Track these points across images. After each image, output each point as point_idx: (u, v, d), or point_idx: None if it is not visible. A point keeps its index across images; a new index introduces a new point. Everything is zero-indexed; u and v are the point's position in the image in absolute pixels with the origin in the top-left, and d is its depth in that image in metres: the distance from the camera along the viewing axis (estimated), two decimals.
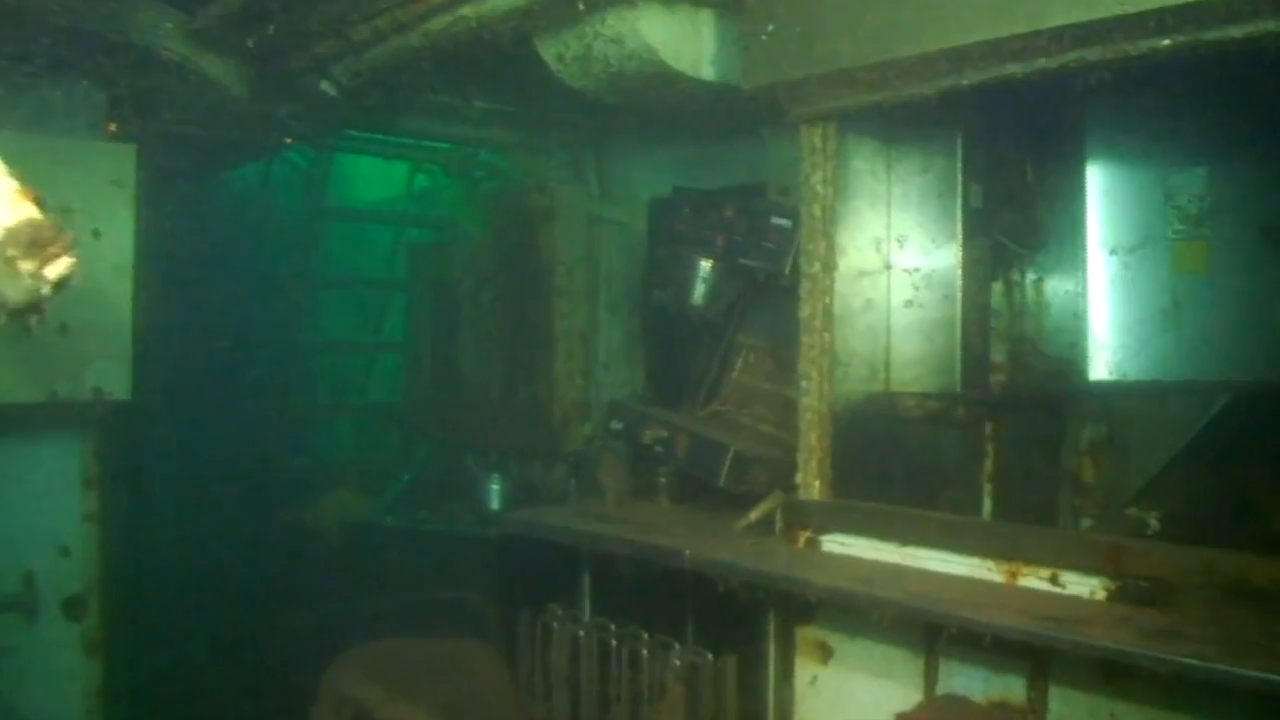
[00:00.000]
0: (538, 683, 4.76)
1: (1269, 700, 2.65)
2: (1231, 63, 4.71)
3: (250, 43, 5.43)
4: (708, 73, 4.74)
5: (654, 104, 5.31)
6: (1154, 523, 4.64)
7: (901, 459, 4.68)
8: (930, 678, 3.75)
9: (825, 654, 4.07)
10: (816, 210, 4.16)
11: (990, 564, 3.64)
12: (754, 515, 4.32)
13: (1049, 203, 5.22)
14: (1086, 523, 5.36)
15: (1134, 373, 5.08)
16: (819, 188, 4.16)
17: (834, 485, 4.22)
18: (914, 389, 4.60)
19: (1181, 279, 5.03)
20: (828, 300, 4.15)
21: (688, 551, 4.01)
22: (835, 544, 4.07)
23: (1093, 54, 3.39)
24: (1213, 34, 3.18)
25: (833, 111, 4.10)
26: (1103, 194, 5.10)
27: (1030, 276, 5.34)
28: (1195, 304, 5.01)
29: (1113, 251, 5.08)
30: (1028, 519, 5.32)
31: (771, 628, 4.19)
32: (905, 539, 3.84)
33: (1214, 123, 5.02)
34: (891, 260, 4.61)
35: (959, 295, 4.51)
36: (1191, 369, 5.02)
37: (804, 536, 4.14)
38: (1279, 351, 4.93)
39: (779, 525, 4.22)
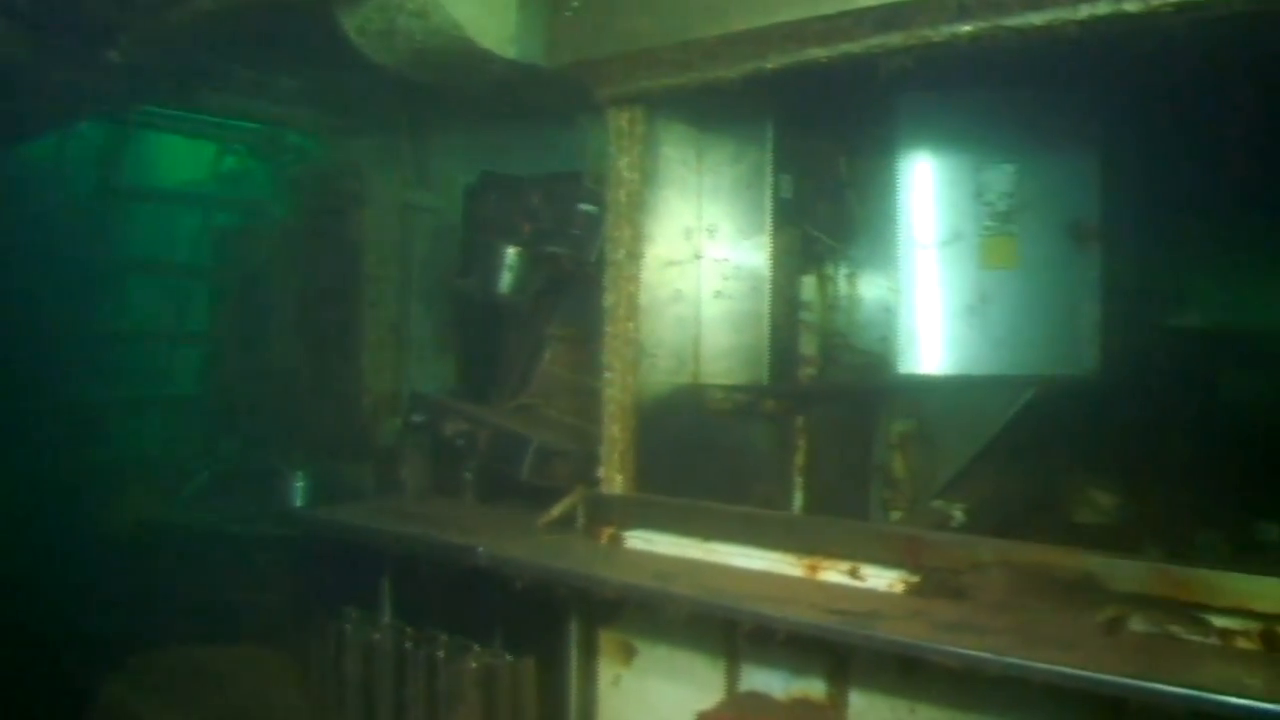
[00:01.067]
0: (330, 691, 4.50)
1: (1062, 692, 2.62)
2: (1036, 61, 4.82)
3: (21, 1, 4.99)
4: (516, 51, 4.53)
5: (463, 83, 5.08)
6: (959, 515, 4.67)
7: (711, 452, 4.60)
8: (732, 676, 3.66)
9: (628, 653, 3.94)
10: (622, 196, 4.02)
11: (791, 558, 3.57)
12: (556, 511, 4.16)
13: (862, 196, 5.22)
14: (896, 515, 5.39)
15: (943, 367, 5.13)
16: (625, 173, 4.02)
17: (640, 480, 4.10)
18: (724, 381, 4.52)
19: (990, 274, 5.10)
20: (633, 289, 4.02)
21: (482, 549, 3.82)
22: (639, 540, 3.94)
23: (895, 39, 3.33)
24: (1013, 20, 3.15)
25: (639, 94, 3.96)
26: (914, 188, 5.13)
27: (843, 270, 5.34)
28: (1003, 299, 5.08)
29: (924, 246, 5.12)
30: (839, 512, 5.32)
31: (573, 627, 4.04)
32: (708, 534, 3.74)
33: (1022, 121, 5.10)
34: (702, 250, 4.51)
35: (768, 287, 4.43)
36: (998, 363, 5.10)
37: (607, 533, 4.01)
38: (1083, 346, 5.05)
39: (581, 521, 4.07)
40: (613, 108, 4.03)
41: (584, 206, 4.42)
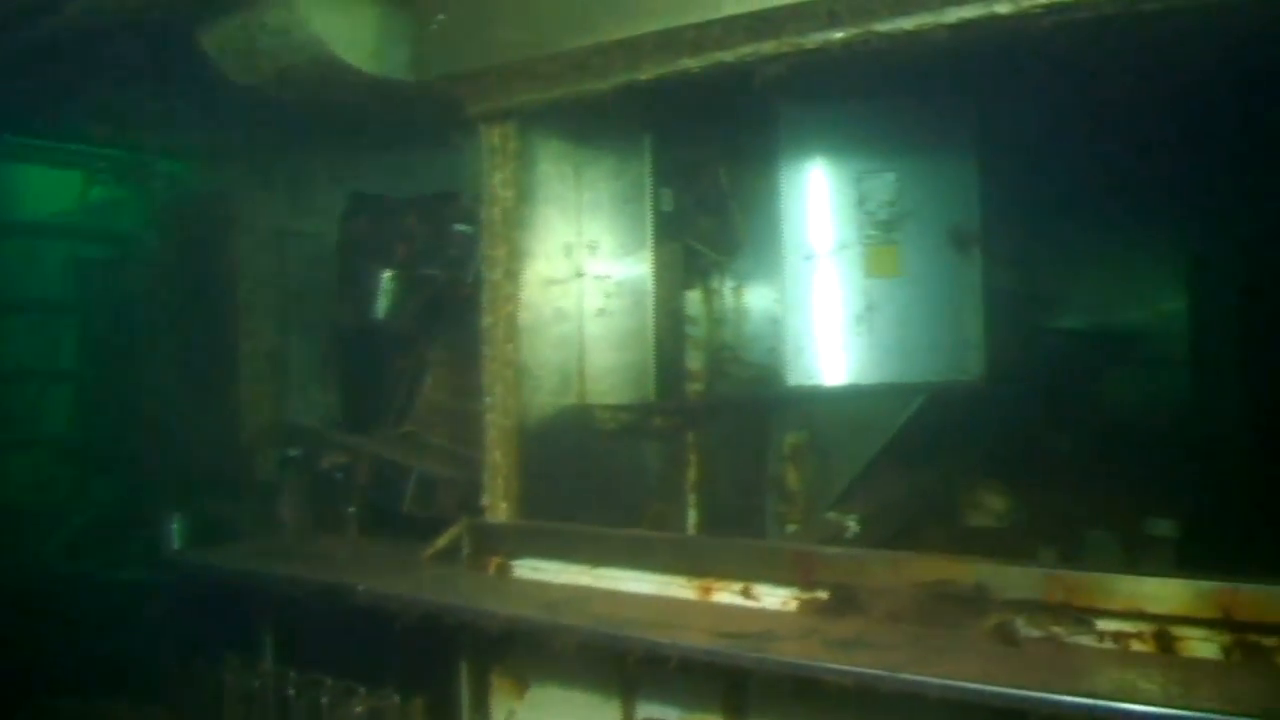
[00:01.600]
0: None
1: (962, 706, 2.55)
2: (913, 68, 4.83)
3: None
4: (380, 66, 4.38)
5: (330, 102, 4.91)
6: (853, 526, 4.62)
7: (601, 474, 4.49)
8: (628, 707, 3.54)
9: (521, 687, 3.80)
10: (497, 214, 3.90)
11: (683, 580, 3.47)
12: (440, 543, 4.02)
13: (744, 208, 5.18)
14: (791, 528, 5.34)
15: (833, 377, 5.10)
16: (499, 190, 3.90)
17: (527, 506, 3.97)
18: (610, 400, 4.41)
19: (875, 283, 5.09)
20: (511, 309, 3.90)
21: (361, 587, 3.65)
22: (527, 569, 3.81)
23: (767, 47, 3.28)
24: (884, 26, 3.12)
25: (510, 109, 3.85)
26: (797, 199, 5.10)
27: (729, 283, 5.29)
28: (889, 308, 5.07)
29: (808, 257, 5.10)
30: (735, 528, 5.25)
31: (463, 664, 3.89)
32: (597, 560, 3.62)
33: (901, 129, 5.11)
34: (583, 267, 4.41)
35: (652, 302, 4.34)
36: (887, 372, 5.08)
37: (494, 563, 3.87)
38: (969, 352, 5.06)
39: (466, 552, 3.93)
40: (484, 124, 3.91)
41: (460, 227, 4.30)
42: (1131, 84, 5.42)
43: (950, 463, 5.86)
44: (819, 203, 5.10)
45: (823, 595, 3.22)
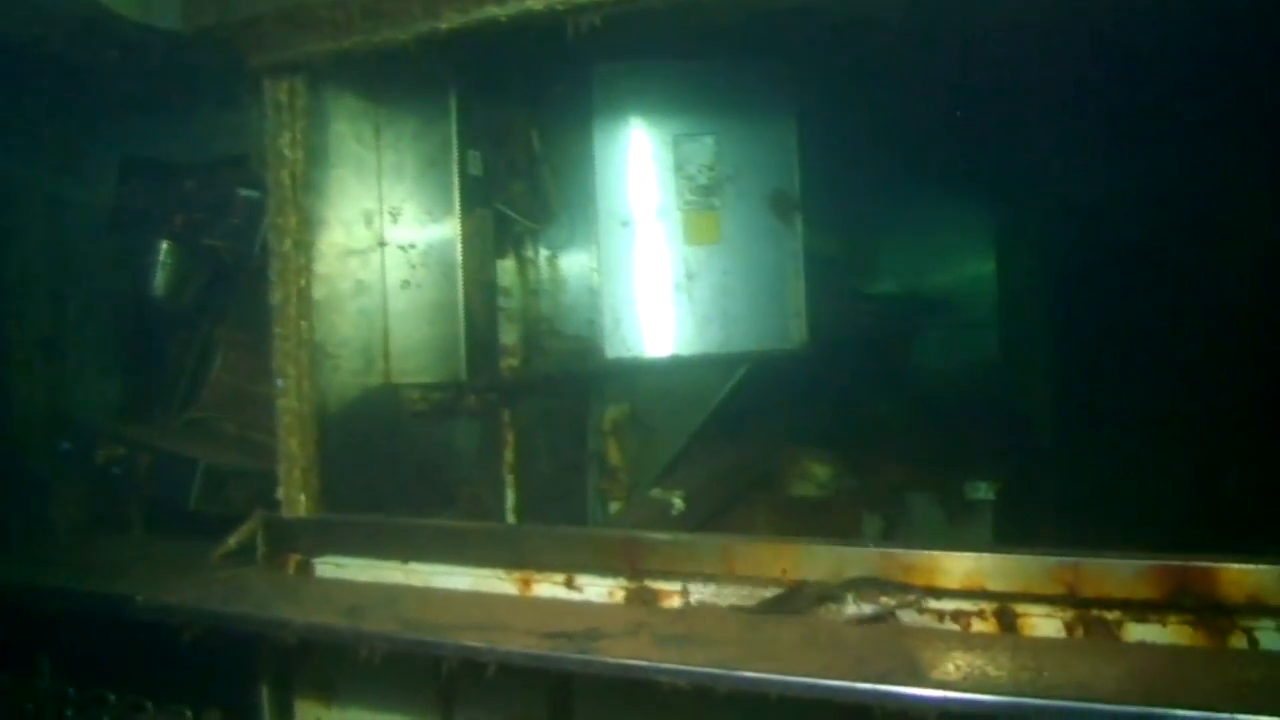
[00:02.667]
0: None
1: (803, 702, 2.37)
2: (732, 29, 4.66)
3: None
4: (147, 14, 3.93)
5: (100, 57, 4.41)
6: (679, 502, 4.46)
7: (411, 459, 4.18)
8: (446, 715, 3.26)
9: (328, 699, 3.48)
10: (285, 178, 3.52)
11: (501, 573, 3.21)
12: (232, 541, 3.65)
13: (558, 173, 4.91)
14: (614, 506, 5.15)
15: (653, 348, 4.91)
16: (287, 151, 3.53)
17: (329, 498, 3.63)
18: (419, 379, 4.10)
19: (694, 250, 4.92)
20: (304, 283, 3.54)
21: (141, 597, 3.26)
22: (330, 567, 3.48)
23: None
24: None
25: (297, 61, 3.47)
26: (613, 163, 4.88)
27: (543, 252, 5.02)
28: (709, 275, 4.91)
29: (625, 224, 4.89)
30: (555, 508, 5.02)
31: (264, 675, 3.54)
32: (407, 554, 3.32)
33: (720, 91, 4.94)
34: (385, 236, 4.06)
35: (461, 274, 4.04)
36: (709, 341, 4.93)
37: (293, 562, 3.52)
38: (790, 320, 4.95)
39: (261, 551, 3.56)
40: (268, 77, 3.52)
41: (245, 192, 3.90)
42: (942, 51, 5.41)
43: (774, 432, 5.77)
44: (635, 167, 4.90)
45: (651, 585, 3.01)
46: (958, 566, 2.69)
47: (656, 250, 4.89)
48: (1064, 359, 8.22)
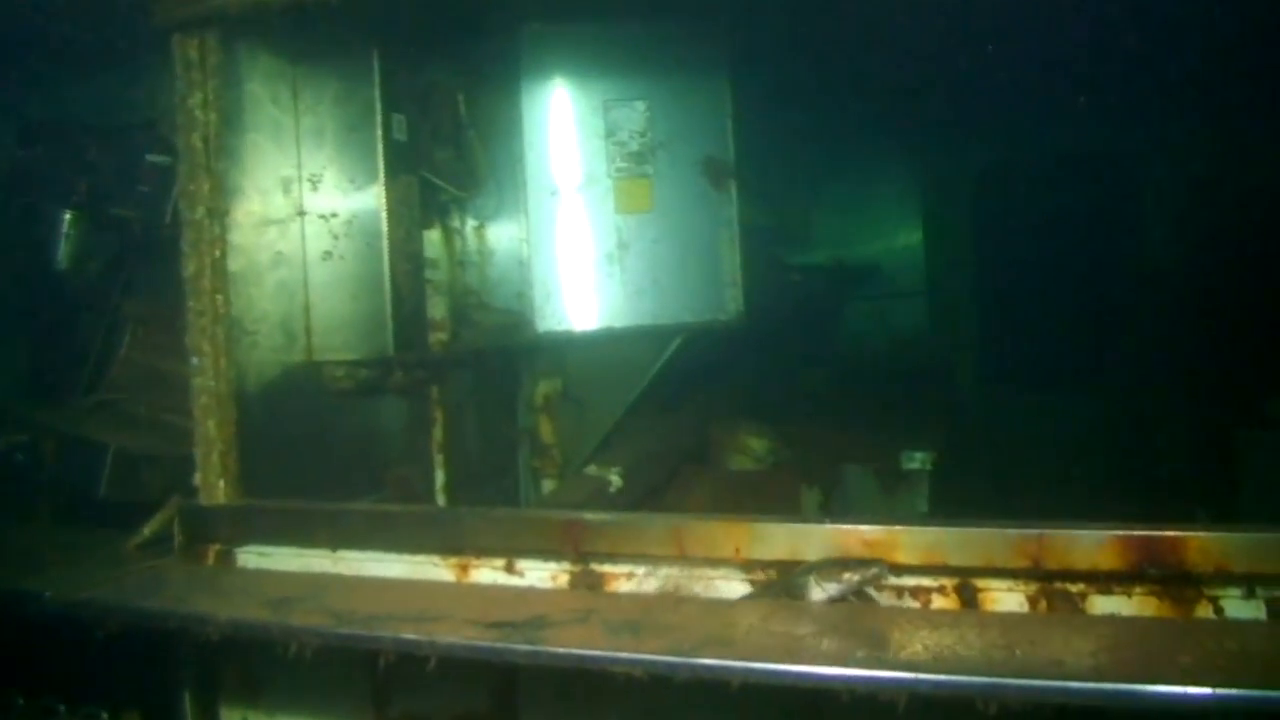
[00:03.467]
0: None
1: (766, 690, 2.24)
2: None
3: None
4: None
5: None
6: (616, 479, 4.31)
7: (336, 439, 3.98)
8: (382, 713, 3.09)
9: (254, 698, 3.28)
10: (197, 142, 3.28)
11: (437, 559, 3.04)
12: (147, 531, 3.42)
13: (485, 139, 4.73)
14: (548, 484, 5.01)
15: (583, 321, 4.77)
16: (198, 113, 3.29)
17: (250, 482, 3.42)
18: (343, 356, 3.90)
19: (626, 219, 4.78)
20: (218, 253, 3.31)
21: (49, 593, 3.03)
22: (253, 557, 3.27)
23: None
24: None
25: (210, 15, 3.23)
26: (542, 129, 4.71)
27: (470, 222, 4.84)
28: (641, 245, 4.77)
29: (554, 192, 4.72)
30: (486, 487, 4.86)
31: (184, 673, 3.33)
32: (335, 541, 3.13)
33: (651, 55, 4.78)
34: (305, 205, 3.85)
35: (386, 244, 3.84)
36: (643, 313, 4.80)
37: (213, 552, 3.31)
38: (725, 290, 4.83)
39: (178, 541, 3.34)
40: (178, 33, 3.27)
41: (154, 158, 3.65)
42: (875, 15, 5.32)
43: (709, 405, 5.66)
44: (565, 133, 4.73)
45: (597, 568, 2.87)
46: (918, 540, 2.58)
47: (587, 219, 4.75)
48: (989, 326, 8.25)
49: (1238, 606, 2.39)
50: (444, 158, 4.42)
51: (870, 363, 8.08)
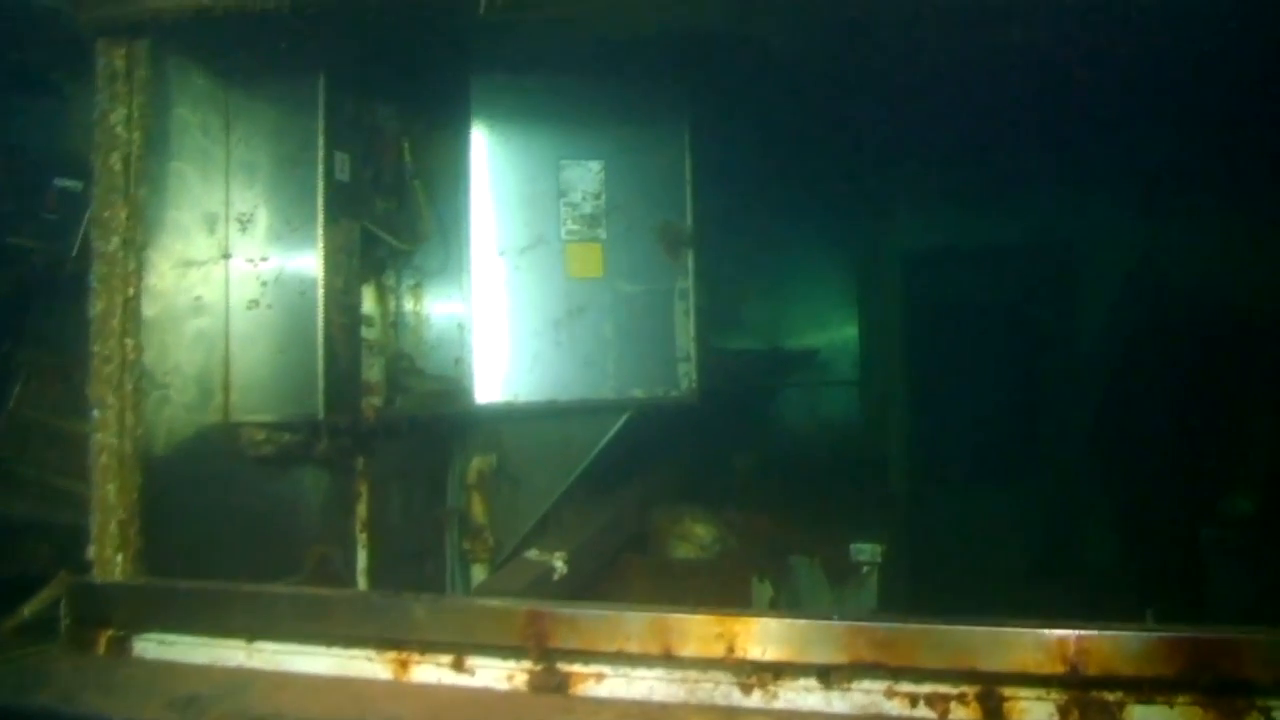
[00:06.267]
0: None
1: None
2: (623, 47, 4.26)
3: None
4: None
5: None
6: (561, 565, 3.94)
7: (251, 512, 3.53)
8: None
9: None
10: (116, 163, 2.89)
11: (372, 652, 2.63)
12: (28, 611, 2.94)
13: (429, 190, 4.38)
14: (479, 570, 4.59)
15: (525, 393, 4.41)
16: (120, 130, 2.90)
17: (153, 558, 2.97)
18: (264, 417, 3.47)
19: (576, 285, 4.46)
20: (131, 292, 2.89)
21: None
22: (153, 646, 2.81)
23: None
24: None
25: (141, 20, 2.86)
26: (490, 185, 4.38)
27: (408, 280, 4.48)
28: (591, 313, 4.45)
29: (501, 253, 4.38)
30: (410, 572, 4.42)
31: None
32: (253, 630, 2.69)
33: (608, 110, 4.52)
34: (231, 247, 3.44)
35: (321, 294, 3.45)
36: (588, 386, 4.46)
37: (106, 639, 2.84)
38: (678, 364, 4.53)
39: (66, 623, 2.86)
40: (104, 39, 2.89)
41: (61, 182, 3.22)
42: (820, 95, 5.19)
43: (652, 487, 5.31)
44: (515, 190, 4.41)
45: (563, 668, 2.48)
46: (940, 641, 2.26)
47: (534, 283, 4.41)
48: (920, 417, 8.09)
49: None
50: (385, 208, 4.07)
51: (802, 451, 7.82)
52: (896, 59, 4.50)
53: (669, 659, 2.40)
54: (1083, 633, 2.20)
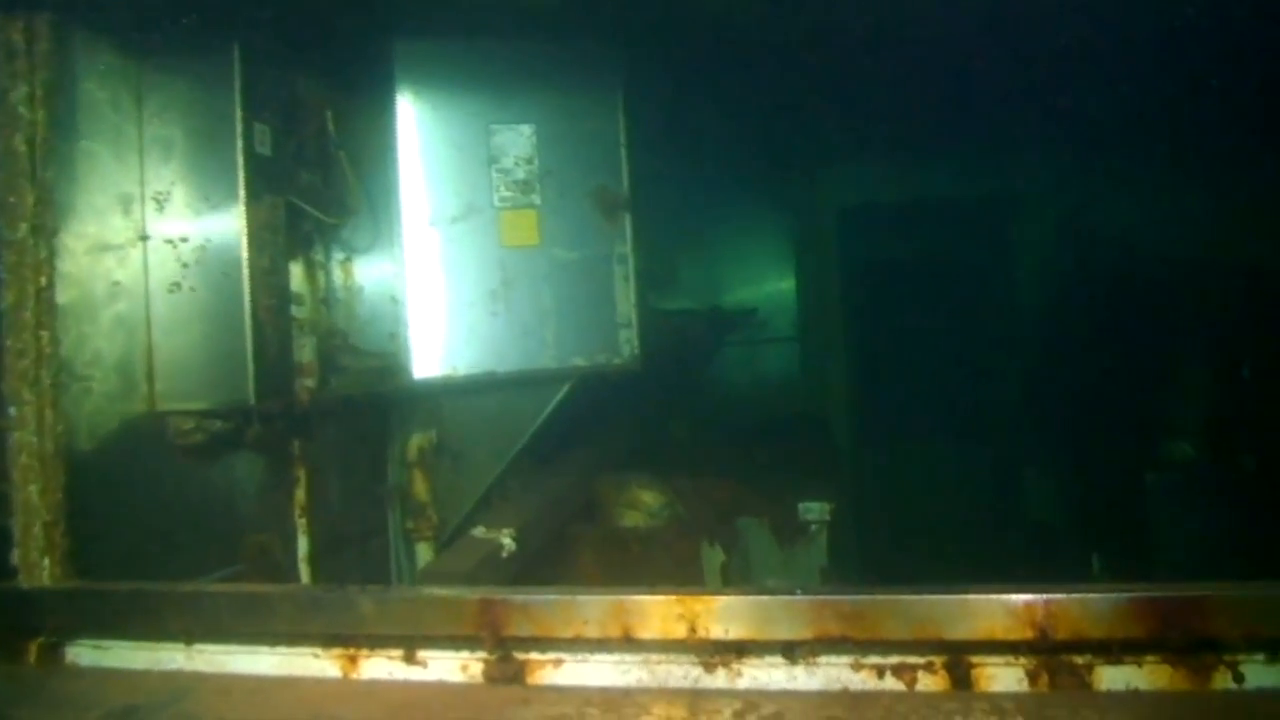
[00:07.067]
0: None
1: None
2: (552, 7, 4.13)
3: None
4: None
5: None
6: (509, 542, 3.84)
7: (184, 504, 3.39)
8: None
9: None
10: (20, 144, 2.71)
11: (318, 649, 2.51)
12: None
13: (356, 161, 4.23)
14: (423, 548, 4.49)
15: (464, 366, 4.29)
16: (23, 110, 2.72)
17: (82, 560, 2.83)
18: (192, 405, 3.32)
19: (511, 254, 4.34)
20: (44, 281, 2.73)
21: None
22: (88, 652, 2.66)
23: None
24: None
25: None
26: (419, 154, 4.24)
27: (337, 255, 4.33)
28: (527, 282, 4.34)
29: (434, 223, 4.25)
30: (352, 555, 4.31)
31: None
32: (191, 632, 2.56)
33: (539, 73, 4.38)
34: (149, 228, 3.28)
35: (246, 274, 3.29)
36: (527, 356, 4.35)
37: (36, 647, 2.68)
38: (619, 331, 4.44)
39: None
40: (1, 13, 2.70)
41: None
42: (756, 51, 5.11)
43: (597, 456, 5.22)
44: (444, 158, 4.27)
45: (520, 656, 2.40)
46: (908, 612, 2.21)
47: (468, 253, 4.29)
48: (860, 371, 8.10)
49: (1260, 672, 2.12)
50: (310, 181, 3.91)
51: (744, 410, 7.79)
52: (829, 14, 4.42)
53: (629, 642, 2.32)
54: (1051, 596, 2.16)
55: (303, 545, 3.97)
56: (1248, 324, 5.63)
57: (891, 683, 2.24)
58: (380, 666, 2.48)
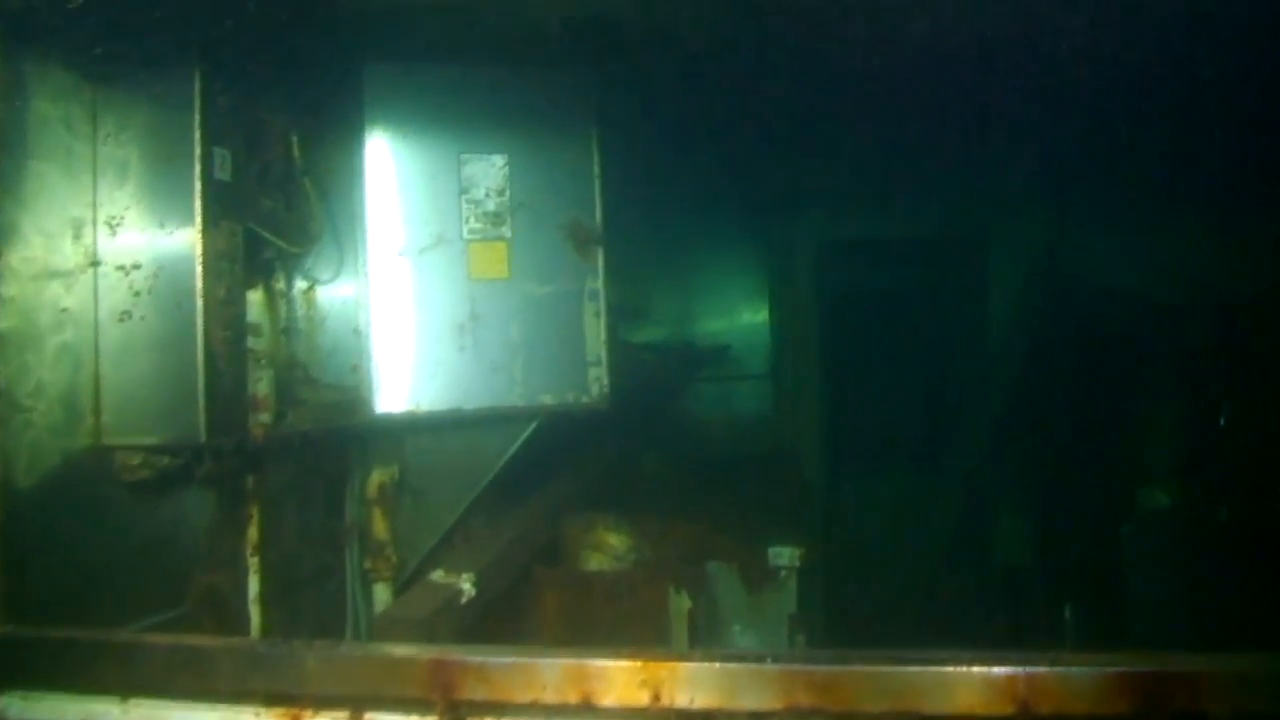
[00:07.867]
0: None
1: None
2: (526, 37, 4.03)
3: None
4: None
5: None
6: (469, 587, 3.73)
7: (129, 542, 3.23)
8: None
9: None
10: None
11: (260, 709, 2.37)
12: None
13: (321, 188, 4.11)
14: (382, 590, 4.34)
15: (428, 402, 4.17)
16: None
17: (14, 603, 2.68)
18: (140, 440, 3.17)
19: (480, 287, 4.23)
20: None
21: None
22: (17, 703, 2.50)
23: None
24: None
25: None
26: (387, 182, 4.13)
27: (299, 283, 4.20)
28: (496, 316, 4.23)
29: (401, 253, 4.13)
30: (308, 597, 4.16)
31: None
32: (127, 687, 2.41)
33: (512, 102, 4.29)
34: (100, 253, 3.14)
35: (200, 304, 3.16)
36: (494, 393, 4.24)
37: None
38: (590, 369, 4.33)
39: None
40: None
41: None
42: (731, 87, 5.04)
43: (562, 496, 5.09)
44: (413, 187, 4.17)
45: None
46: (883, 683, 2.10)
47: (436, 285, 4.18)
48: (833, 409, 8.01)
49: None
50: (272, 208, 3.78)
51: (713, 447, 7.67)
52: (807, 50, 4.35)
53: (588, 709, 2.19)
54: (1033, 670, 2.05)
55: (254, 585, 3.81)
56: (1225, 371, 5.58)
57: None
58: None
